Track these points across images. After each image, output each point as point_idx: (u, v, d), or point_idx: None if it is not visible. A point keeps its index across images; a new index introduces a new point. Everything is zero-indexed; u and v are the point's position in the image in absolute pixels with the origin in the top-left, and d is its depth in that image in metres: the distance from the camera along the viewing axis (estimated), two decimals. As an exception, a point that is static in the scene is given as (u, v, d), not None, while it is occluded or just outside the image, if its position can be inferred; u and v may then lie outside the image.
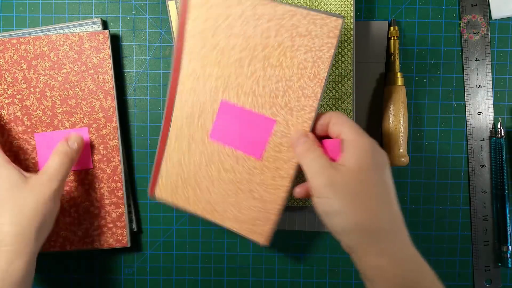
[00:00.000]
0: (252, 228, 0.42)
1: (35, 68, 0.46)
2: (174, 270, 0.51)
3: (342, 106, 0.47)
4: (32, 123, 0.46)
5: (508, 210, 0.49)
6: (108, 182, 0.47)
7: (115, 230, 0.47)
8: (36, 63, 0.46)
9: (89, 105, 0.47)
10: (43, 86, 0.46)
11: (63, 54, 0.46)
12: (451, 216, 0.50)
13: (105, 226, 0.47)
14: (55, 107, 0.46)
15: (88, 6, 0.49)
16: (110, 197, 0.47)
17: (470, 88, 0.49)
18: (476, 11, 0.49)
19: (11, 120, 0.46)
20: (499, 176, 0.49)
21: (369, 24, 0.48)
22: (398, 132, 0.46)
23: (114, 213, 0.47)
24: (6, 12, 0.49)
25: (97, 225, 0.47)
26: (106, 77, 0.46)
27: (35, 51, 0.46)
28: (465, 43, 0.49)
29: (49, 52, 0.46)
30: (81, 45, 0.46)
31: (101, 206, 0.47)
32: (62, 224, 0.47)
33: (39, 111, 0.46)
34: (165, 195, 0.45)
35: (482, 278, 0.50)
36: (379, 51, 0.48)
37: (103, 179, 0.47)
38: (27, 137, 0.46)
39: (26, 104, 0.46)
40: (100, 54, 0.46)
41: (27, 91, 0.46)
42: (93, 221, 0.47)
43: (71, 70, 0.46)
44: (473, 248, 0.50)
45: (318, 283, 0.51)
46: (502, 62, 0.50)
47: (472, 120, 0.49)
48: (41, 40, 0.46)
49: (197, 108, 0.42)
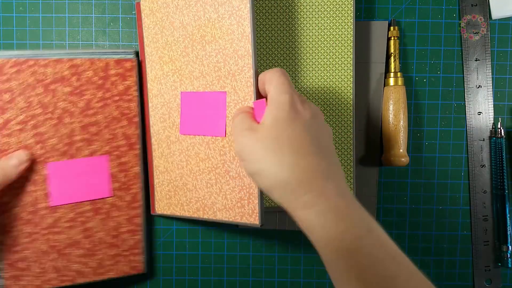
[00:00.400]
0: (241, 211, 0.42)
1: (53, 93, 0.43)
2: (174, 270, 0.51)
3: (342, 106, 0.47)
4: (46, 151, 0.43)
5: (508, 210, 0.49)
6: (127, 210, 0.46)
7: (132, 257, 0.46)
8: (55, 87, 0.43)
9: (112, 132, 0.45)
10: (62, 112, 0.43)
11: (87, 79, 0.44)
12: (451, 216, 0.50)
13: (120, 255, 0.46)
14: (74, 134, 0.44)
15: (88, 6, 0.49)
16: (127, 225, 0.46)
17: (470, 88, 0.49)
18: (476, 11, 0.49)
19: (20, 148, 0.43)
20: (499, 176, 0.49)
21: (369, 24, 0.48)
22: (398, 132, 0.46)
23: (131, 240, 0.46)
24: (6, 12, 0.49)
25: (112, 255, 0.46)
26: (131, 104, 0.45)
27: (55, 75, 0.43)
28: (465, 43, 0.49)
29: (71, 77, 0.44)
30: (107, 71, 0.44)
31: (118, 234, 0.45)
32: (73, 257, 0.45)
33: (54, 139, 0.43)
34: (163, 207, 0.46)
35: (482, 278, 0.50)
36: (379, 51, 0.48)
37: (122, 207, 0.46)
38: (37, 167, 0.43)
39: (40, 131, 0.43)
40: (126, 81, 0.45)
41: (42, 117, 0.43)
42: (108, 251, 0.45)
43: (94, 97, 0.44)
44: (473, 248, 0.50)
45: (318, 283, 0.51)
46: (502, 62, 0.49)
47: (472, 120, 0.49)
48: (62, 64, 0.43)
49: (165, 108, 0.45)
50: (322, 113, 0.36)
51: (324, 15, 0.46)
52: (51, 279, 0.44)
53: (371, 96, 0.49)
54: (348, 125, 0.47)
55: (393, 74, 0.47)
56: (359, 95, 0.49)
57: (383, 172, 0.50)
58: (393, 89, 0.47)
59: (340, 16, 0.46)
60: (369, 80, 0.49)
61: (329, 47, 0.46)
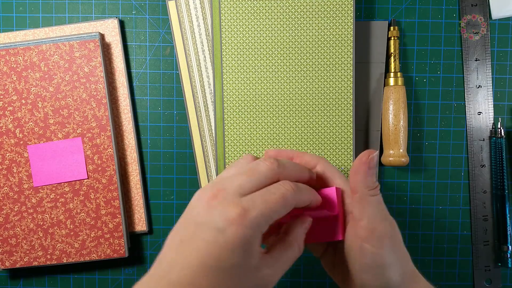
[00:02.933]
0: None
1: (25, 79, 0.46)
2: (174, 270, 0.51)
3: (342, 106, 0.47)
4: (25, 135, 0.46)
5: (508, 210, 0.49)
6: (104, 192, 0.47)
7: (113, 240, 0.47)
8: (27, 74, 0.46)
9: (82, 114, 0.46)
10: (35, 97, 0.46)
11: (53, 64, 0.46)
12: (451, 216, 0.50)
13: (102, 237, 0.47)
14: (48, 118, 0.46)
15: (88, 6, 0.49)
16: (106, 207, 0.47)
17: (470, 88, 0.49)
18: (476, 11, 0.49)
19: (2, 133, 0.46)
20: (499, 176, 0.49)
21: (369, 24, 0.48)
22: (398, 132, 0.46)
23: (110, 223, 0.47)
24: (6, 12, 0.49)
25: (94, 236, 0.47)
26: (98, 85, 0.46)
27: (25, 62, 0.45)
28: (465, 43, 0.49)
29: (40, 63, 0.46)
30: (71, 54, 0.46)
31: (98, 216, 0.47)
32: (58, 237, 0.47)
33: (31, 123, 0.46)
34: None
35: (482, 278, 0.50)
36: (379, 51, 0.48)
37: (99, 189, 0.47)
38: (19, 149, 0.46)
39: (17, 116, 0.46)
40: (91, 63, 0.46)
41: (18, 103, 0.46)
42: (90, 233, 0.47)
43: (62, 80, 0.46)
44: (473, 248, 0.50)
45: (318, 283, 0.51)
46: (502, 62, 0.49)
47: (472, 120, 0.49)
48: (30, 51, 0.46)
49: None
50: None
51: (324, 15, 0.46)
52: (39, 256, 0.47)
53: (371, 96, 0.49)
54: (348, 125, 0.47)
55: (393, 74, 0.47)
56: (359, 95, 0.49)
57: (383, 172, 0.50)
58: (393, 89, 0.47)
59: (340, 16, 0.46)
60: (369, 80, 0.49)
61: (329, 47, 0.46)
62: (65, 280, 0.50)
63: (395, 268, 0.32)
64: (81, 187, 0.47)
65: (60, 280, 0.50)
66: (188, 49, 0.47)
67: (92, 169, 0.47)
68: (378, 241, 0.32)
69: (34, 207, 0.47)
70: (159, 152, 0.50)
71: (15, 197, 0.46)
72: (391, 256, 0.32)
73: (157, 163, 0.50)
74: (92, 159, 0.47)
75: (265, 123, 0.46)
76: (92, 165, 0.47)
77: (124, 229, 0.47)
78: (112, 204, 0.47)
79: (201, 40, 0.47)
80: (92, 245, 0.47)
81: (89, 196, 0.47)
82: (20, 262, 0.47)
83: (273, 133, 0.46)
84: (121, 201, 0.47)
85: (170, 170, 0.50)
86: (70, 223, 0.47)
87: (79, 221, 0.47)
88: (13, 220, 0.47)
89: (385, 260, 0.32)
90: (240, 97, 0.46)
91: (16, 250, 0.47)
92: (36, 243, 0.47)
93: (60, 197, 0.47)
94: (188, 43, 0.47)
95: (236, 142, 0.46)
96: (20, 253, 0.47)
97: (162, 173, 0.50)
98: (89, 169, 0.47)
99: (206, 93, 0.48)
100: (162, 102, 0.50)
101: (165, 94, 0.49)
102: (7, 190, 0.46)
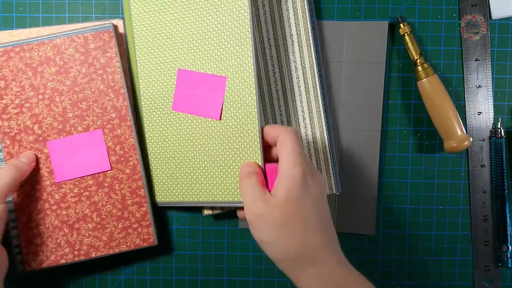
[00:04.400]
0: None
1: (41, 75, 0.45)
2: (174, 270, 0.51)
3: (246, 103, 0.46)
4: (44, 131, 0.45)
5: (508, 210, 0.49)
6: (129, 182, 0.46)
7: (141, 230, 0.47)
8: (42, 69, 0.45)
9: (101, 106, 0.46)
10: (52, 92, 0.45)
11: (69, 57, 0.45)
12: (451, 216, 0.50)
13: (130, 227, 0.46)
14: (66, 112, 0.46)
15: (88, 6, 0.49)
16: (132, 197, 0.46)
17: (470, 88, 0.49)
18: (476, 11, 0.49)
19: (21, 131, 0.45)
20: (499, 176, 0.49)
21: (369, 24, 0.48)
22: (450, 119, 0.46)
23: (138, 212, 0.46)
24: (6, 12, 0.49)
25: (122, 227, 0.46)
26: (116, 76, 0.46)
27: (40, 57, 0.45)
28: (465, 43, 0.49)
29: (54, 57, 0.45)
30: (86, 47, 0.45)
31: (124, 207, 0.46)
32: (84, 231, 0.46)
33: (49, 118, 0.45)
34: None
35: (482, 278, 0.50)
36: (379, 51, 0.48)
37: (123, 179, 0.46)
38: (39, 145, 0.45)
39: (35, 112, 0.45)
40: (107, 54, 0.46)
41: (35, 99, 0.45)
42: (117, 224, 0.46)
43: (79, 73, 0.45)
44: (473, 248, 0.50)
45: (318, 283, 0.51)
46: (502, 62, 0.50)
47: (472, 120, 0.49)
48: (45, 45, 0.45)
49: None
50: (325, 185, 0.39)
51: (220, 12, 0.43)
52: (66, 253, 0.46)
53: (371, 96, 0.49)
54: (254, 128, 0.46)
55: (420, 67, 0.46)
56: (359, 95, 0.49)
57: (383, 172, 0.50)
58: (427, 81, 0.46)
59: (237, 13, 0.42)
60: (369, 80, 0.49)
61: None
62: (65, 281, 0.50)
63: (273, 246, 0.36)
64: (105, 179, 0.46)
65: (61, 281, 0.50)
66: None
67: (115, 160, 0.46)
68: (248, 221, 0.37)
69: (57, 204, 0.46)
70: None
71: (37, 194, 0.46)
72: (265, 236, 0.36)
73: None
74: (114, 150, 0.46)
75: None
76: (115, 156, 0.46)
77: (151, 217, 0.47)
78: (138, 193, 0.46)
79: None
80: (121, 236, 0.46)
81: (114, 187, 0.46)
82: (47, 261, 0.46)
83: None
84: (146, 189, 0.46)
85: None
86: (96, 216, 0.46)
87: (106, 213, 0.46)
88: (37, 218, 0.46)
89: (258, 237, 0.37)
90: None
91: (42, 250, 0.46)
92: (62, 240, 0.46)
93: (84, 191, 0.46)
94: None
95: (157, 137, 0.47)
96: (46, 252, 0.46)
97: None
98: (112, 160, 0.46)
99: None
100: (162, 102, 0.50)
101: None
102: (28, 188, 0.45)
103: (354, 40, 0.48)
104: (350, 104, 0.49)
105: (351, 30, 0.48)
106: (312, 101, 0.47)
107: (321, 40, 0.48)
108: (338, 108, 0.49)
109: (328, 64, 0.49)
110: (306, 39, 0.47)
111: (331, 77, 0.49)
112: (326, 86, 0.49)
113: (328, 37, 0.49)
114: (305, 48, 0.47)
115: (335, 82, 0.49)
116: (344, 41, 0.49)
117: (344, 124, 0.49)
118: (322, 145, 0.47)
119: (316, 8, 0.49)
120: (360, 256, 0.51)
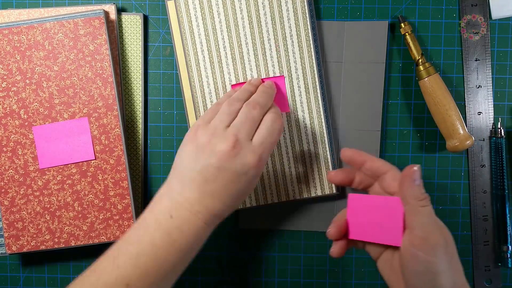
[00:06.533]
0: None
1: (29, 59, 0.45)
2: (174, 270, 0.51)
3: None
4: (29, 116, 0.45)
5: (508, 210, 0.49)
6: (112, 173, 0.46)
7: (122, 222, 0.46)
8: (31, 53, 0.45)
9: (88, 94, 0.45)
10: (39, 77, 0.45)
11: (58, 42, 0.45)
12: (451, 216, 0.50)
13: (111, 219, 0.46)
14: (53, 98, 0.45)
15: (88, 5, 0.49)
16: (115, 188, 0.46)
17: (470, 88, 0.49)
18: (476, 11, 0.49)
19: (7, 114, 0.45)
20: (499, 176, 0.49)
21: (369, 24, 0.48)
22: (452, 118, 0.46)
23: (119, 204, 0.46)
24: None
25: (103, 218, 0.46)
26: (104, 63, 0.45)
27: (29, 41, 0.44)
28: (465, 43, 0.49)
29: (43, 41, 0.44)
30: (76, 32, 0.45)
31: (106, 198, 0.46)
32: (65, 219, 0.46)
33: (36, 103, 0.45)
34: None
35: (482, 278, 0.50)
36: (379, 51, 0.48)
37: (107, 170, 0.46)
38: (24, 130, 0.45)
39: (22, 96, 0.45)
40: (96, 41, 0.45)
41: (22, 83, 0.45)
42: (98, 214, 0.46)
43: (67, 59, 0.45)
44: (473, 248, 0.50)
45: (318, 283, 0.51)
46: (502, 62, 0.49)
47: (472, 120, 0.49)
48: (34, 29, 0.44)
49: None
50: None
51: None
52: (46, 240, 0.46)
53: (371, 96, 0.49)
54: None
55: (422, 66, 0.46)
56: (359, 96, 0.49)
57: (383, 172, 0.50)
58: (429, 80, 0.46)
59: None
60: (369, 80, 0.49)
61: None
62: (64, 280, 0.50)
63: (447, 277, 0.33)
64: (88, 168, 0.46)
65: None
66: (188, 49, 0.47)
67: (99, 149, 0.46)
68: (431, 250, 0.34)
69: (40, 190, 0.46)
70: (159, 152, 0.50)
71: (20, 179, 0.45)
72: (443, 265, 0.33)
73: (157, 163, 0.50)
74: (99, 139, 0.46)
75: None
76: (99, 145, 0.46)
77: (133, 210, 0.46)
78: (121, 185, 0.46)
79: (200, 40, 0.47)
80: (101, 227, 0.46)
81: (97, 177, 0.46)
82: (27, 246, 0.46)
83: None
84: (130, 182, 0.46)
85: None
86: (78, 205, 0.46)
87: (87, 203, 0.46)
88: (19, 203, 0.46)
89: (437, 267, 0.33)
90: None
91: (23, 234, 0.46)
92: (43, 227, 0.46)
93: (67, 179, 0.46)
94: (187, 43, 0.47)
95: None
96: (27, 237, 0.46)
97: (162, 173, 0.50)
98: (96, 150, 0.46)
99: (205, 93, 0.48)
100: (162, 102, 0.50)
101: (165, 94, 0.49)
102: (12, 172, 0.45)
103: (354, 40, 0.48)
104: (350, 104, 0.49)
105: (351, 30, 0.48)
106: (312, 101, 0.47)
107: (321, 40, 0.48)
108: (338, 108, 0.49)
109: (328, 64, 0.49)
110: (306, 39, 0.47)
111: (331, 77, 0.49)
112: (326, 86, 0.49)
113: (328, 37, 0.48)
114: (305, 49, 0.47)
115: (335, 82, 0.49)
116: (344, 41, 0.49)
117: (344, 124, 0.49)
118: (322, 145, 0.47)
119: (316, 8, 0.49)
120: (361, 256, 0.51)
